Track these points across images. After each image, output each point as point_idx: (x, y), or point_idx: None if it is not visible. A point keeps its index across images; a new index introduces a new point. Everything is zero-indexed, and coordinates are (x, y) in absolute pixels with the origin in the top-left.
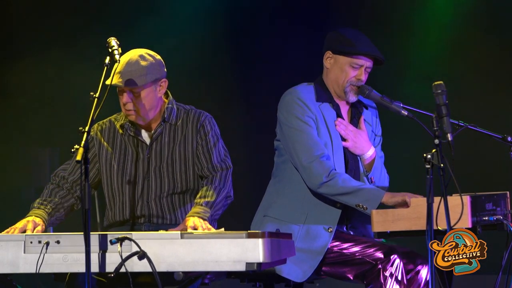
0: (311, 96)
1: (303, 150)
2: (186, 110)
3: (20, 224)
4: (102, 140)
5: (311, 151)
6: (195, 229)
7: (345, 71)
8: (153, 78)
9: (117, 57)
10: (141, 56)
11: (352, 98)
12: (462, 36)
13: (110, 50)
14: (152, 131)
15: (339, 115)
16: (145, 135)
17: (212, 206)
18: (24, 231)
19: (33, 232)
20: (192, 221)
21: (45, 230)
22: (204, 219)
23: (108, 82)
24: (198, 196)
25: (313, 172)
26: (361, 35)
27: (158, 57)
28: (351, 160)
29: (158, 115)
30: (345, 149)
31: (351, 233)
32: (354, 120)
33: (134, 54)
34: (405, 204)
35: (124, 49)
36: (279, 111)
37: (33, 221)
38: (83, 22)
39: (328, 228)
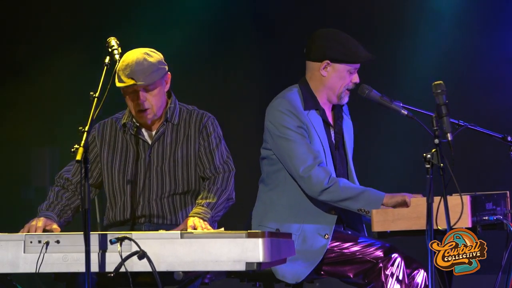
0: (298, 105)
1: (299, 160)
2: (189, 110)
3: (33, 224)
4: (104, 139)
5: (308, 160)
6: (195, 229)
7: (344, 77)
8: (162, 74)
9: (117, 57)
10: (147, 54)
11: (346, 100)
12: (462, 35)
13: (110, 50)
14: (154, 131)
15: (325, 120)
16: (147, 134)
17: (213, 208)
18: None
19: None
20: (192, 221)
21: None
22: (204, 220)
23: (119, 84)
24: (199, 197)
25: (313, 180)
26: (351, 39)
27: (159, 53)
28: (339, 165)
29: (161, 114)
30: (333, 154)
31: (349, 232)
32: (338, 122)
33: (138, 53)
34: (405, 204)
35: (128, 47)
36: (269, 121)
37: (44, 220)
38: (84, 22)
39: (325, 235)
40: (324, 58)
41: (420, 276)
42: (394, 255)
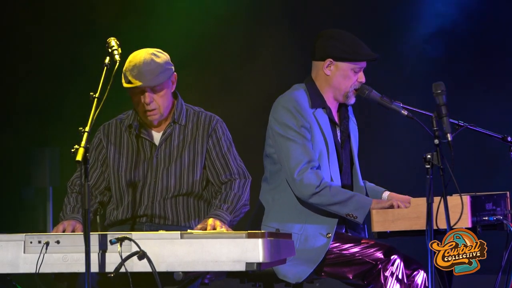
0: (305, 103)
1: (295, 162)
2: (196, 112)
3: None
4: (109, 141)
5: (302, 163)
6: (214, 229)
7: (349, 76)
8: (169, 74)
9: (117, 57)
10: (154, 54)
11: (353, 100)
12: (462, 36)
13: (110, 50)
14: (162, 132)
15: (331, 119)
16: (153, 135)
17: (231, 212)
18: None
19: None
20: (212, 221)
21: None
22: (224, 222)
23: (127, 85)
24: (217, 200)
25: (304, 184)
26: (355, 38)
27: (166, 53)
28: (345, 163)
29: (168, 115)
30: (339, 152)
31: (350, 234)
32: (345, 121)
33: (146, 53)
34: (392, 208)
35: (132, 48)
36: (273, 117)
37: (71, 224)
38: (84, 22)
39: (327, 234)
40: (326, 56)
41: (420, 277)
42: (394, 256)
